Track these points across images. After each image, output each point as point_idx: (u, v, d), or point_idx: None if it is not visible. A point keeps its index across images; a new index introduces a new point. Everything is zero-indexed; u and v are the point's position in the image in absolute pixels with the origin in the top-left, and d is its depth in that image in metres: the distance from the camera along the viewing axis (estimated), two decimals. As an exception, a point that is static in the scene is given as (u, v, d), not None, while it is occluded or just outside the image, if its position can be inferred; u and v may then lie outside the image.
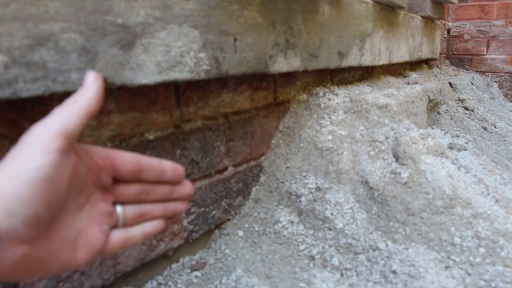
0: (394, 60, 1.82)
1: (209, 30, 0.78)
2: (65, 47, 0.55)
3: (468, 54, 3.28)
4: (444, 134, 1.84)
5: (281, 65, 1.01)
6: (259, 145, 1.11)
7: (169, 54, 0.71)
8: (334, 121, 1.18)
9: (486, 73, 3.23)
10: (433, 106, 2.04)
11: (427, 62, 2.64)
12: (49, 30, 0.53)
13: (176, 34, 0.71)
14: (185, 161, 0.87)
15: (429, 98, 1.90)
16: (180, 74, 0.73)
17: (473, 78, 2.98)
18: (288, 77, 1.17)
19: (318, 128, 1.16)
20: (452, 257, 0.89)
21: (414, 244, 0.93)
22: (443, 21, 3.06)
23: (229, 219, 1.05)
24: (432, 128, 1.95)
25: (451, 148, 1.66)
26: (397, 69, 2.10)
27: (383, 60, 1.68)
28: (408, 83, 1.93)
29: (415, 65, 2.43)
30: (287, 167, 1.13)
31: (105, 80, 0.61)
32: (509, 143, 2.04)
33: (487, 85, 3.13)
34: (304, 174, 1.11)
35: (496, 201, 1.07)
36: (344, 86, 1.45)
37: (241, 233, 1.03)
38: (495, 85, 3.08)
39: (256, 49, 0.92)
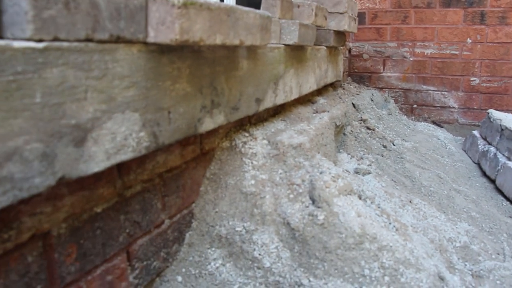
0: (304, 92, 2.00)
1: (147, 110, 0.87)
2: (29, 157, 0.62)
3: (367, 72, 3.59)
4: (351, 159, 2.06)
5: (208, 124, 1.12)
6: (189, 194, 1.21)
7: (115, 141, 0.79)
8: (256, 166, 1.31)
9: (384, 89, 3.56)
10: (339, 130, 2.26)
11: (332, 84, 2.88)
12: (15, 145, 0.60)
13: (120, 121, 0.80)
14: (128, 224, 0.95)
15: (335, 125, 2.11)
16: (125, 156, 0.82)
17: (372, 95, 3.29)
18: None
19: (241, 173, 1.29)
20: (364, 287, 1.06)
21: (332, 278, 1.08)
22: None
23: (167, 266, 1.14)
24: (340, 152, 2.16)
25: (357, 173, 1.86)
26: (305, 97, 2.29)
27: (294, 95, 1.85)
28: (317, 111, 2.12)
29: (322, 89, 2.65)
30: (216, 212, 1.24)
31: (63, 177, 0.68)
32: (405, 161, 2.31)
33: (385, 101, 3.46)
34: (231, 217, 1.23)
35: (396, 230, 1.27)
36: (260, 125, 1.59)
37: (179, 278, 1.13)
38: (392, 100, 3.42)
39: (187, 116, 1.02)
